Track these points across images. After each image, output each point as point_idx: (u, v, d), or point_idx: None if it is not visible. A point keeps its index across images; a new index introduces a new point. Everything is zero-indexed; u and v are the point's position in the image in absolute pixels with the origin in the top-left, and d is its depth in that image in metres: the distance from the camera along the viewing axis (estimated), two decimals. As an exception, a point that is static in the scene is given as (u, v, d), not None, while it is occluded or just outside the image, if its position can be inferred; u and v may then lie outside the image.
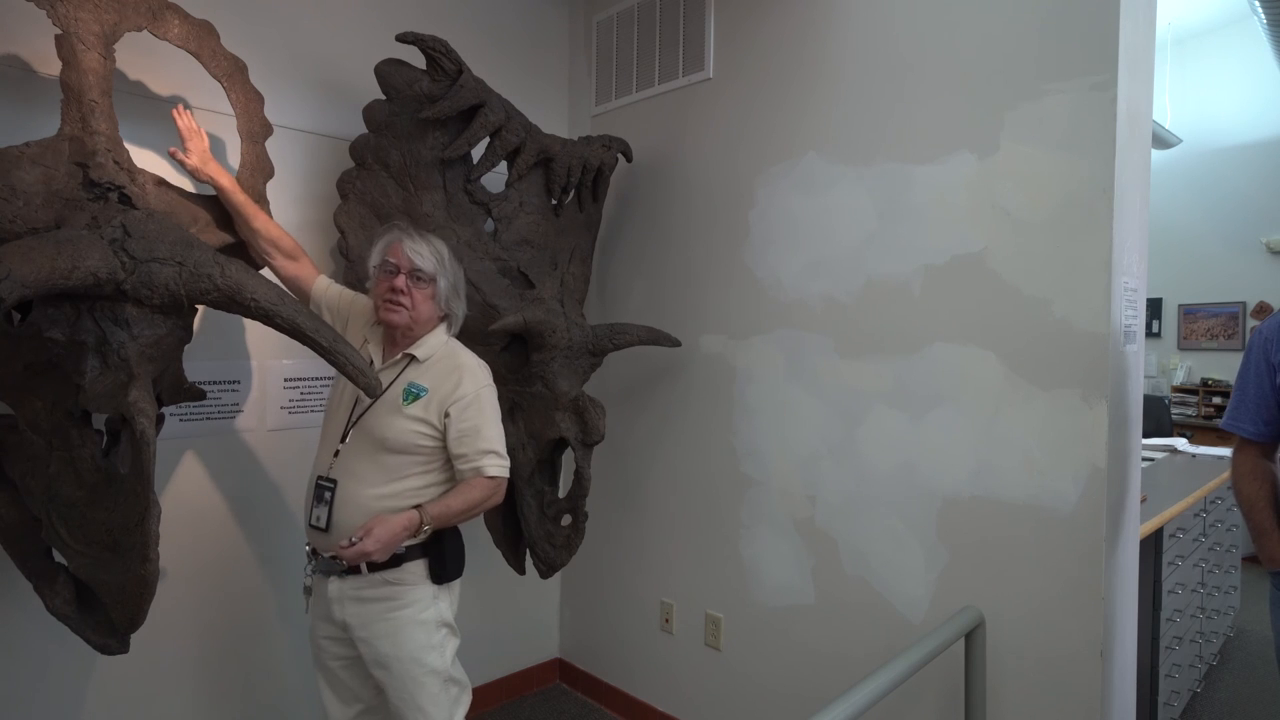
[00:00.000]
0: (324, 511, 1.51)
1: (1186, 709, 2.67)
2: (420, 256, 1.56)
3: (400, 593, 1.53)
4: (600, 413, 2.04)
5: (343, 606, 1.53)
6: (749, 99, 2.23)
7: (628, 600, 2.62)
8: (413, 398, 1.53)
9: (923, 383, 1.83)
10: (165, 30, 1.58)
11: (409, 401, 1.53)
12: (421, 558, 1.54)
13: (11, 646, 1.70)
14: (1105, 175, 1.54)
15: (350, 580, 1.52)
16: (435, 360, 1.59)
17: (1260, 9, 3.96)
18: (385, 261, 1.57)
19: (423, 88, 1.88)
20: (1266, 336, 1.64)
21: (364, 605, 1.52)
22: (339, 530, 1.49)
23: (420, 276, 1.56)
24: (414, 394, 1.53)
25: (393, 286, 1.54)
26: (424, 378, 1.56)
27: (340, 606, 1.53)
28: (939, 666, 1.74)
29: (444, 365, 1.58)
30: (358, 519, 1.48)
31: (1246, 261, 5.00)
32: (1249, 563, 3.96)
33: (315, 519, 1.53)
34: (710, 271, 2.34)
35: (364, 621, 1.52)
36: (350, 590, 1.53)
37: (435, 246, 1.60)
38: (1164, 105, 5.21)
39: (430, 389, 1.54)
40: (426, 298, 1.57)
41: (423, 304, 1.57)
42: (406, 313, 1.55)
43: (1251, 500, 1.68)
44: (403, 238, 1.58)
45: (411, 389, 1.54)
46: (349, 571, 1.52)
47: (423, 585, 1.55)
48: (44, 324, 1.23)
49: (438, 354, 1.60)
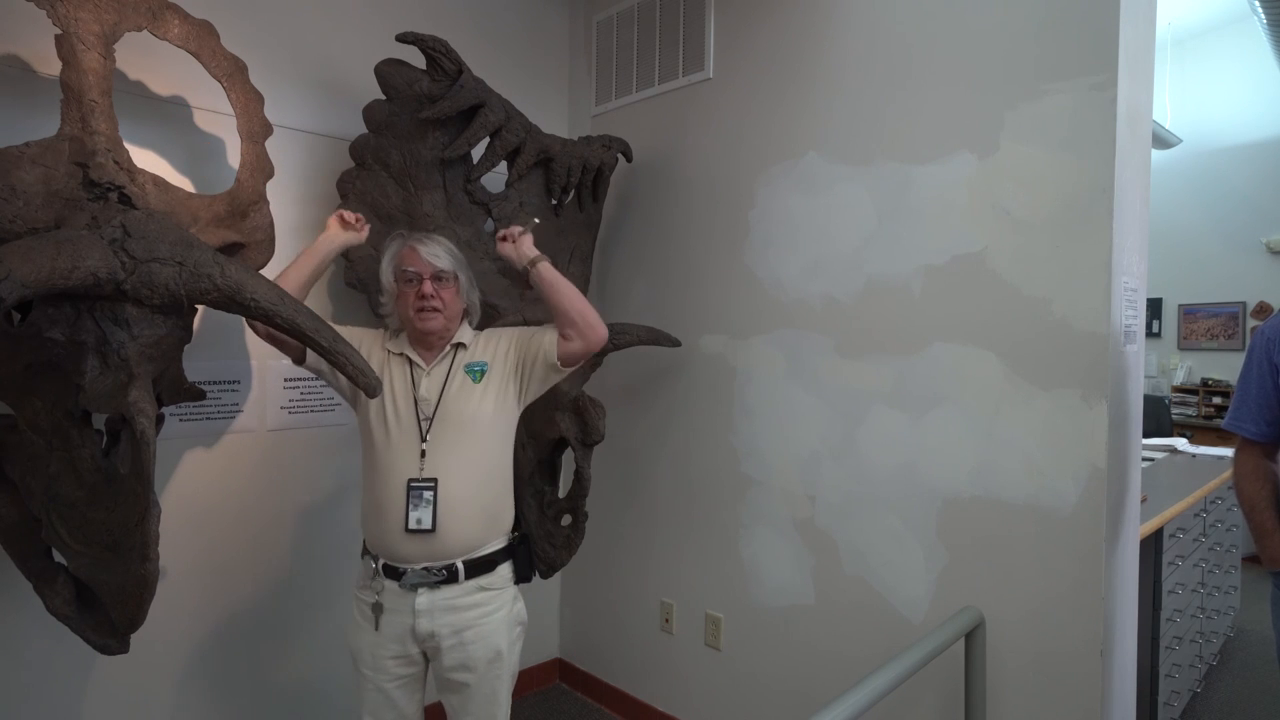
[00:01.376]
0: (427, 513, 1.48)
1: (1186, 709, 2.67)
2: (438, 258, 1.56)
3: (490, 597, 1.55)
4: (600, 413, 2.04)
5: (432, 618, 1.51)
6: (749, 99, 2.23)
7: (628, 600, 2.62)
8: (479, 375, 1.57)
9: (923, 383, 1.83)
10: (165, 30, 1.58)
11: (478, 379, 1.57)
12: (508, 560, 1.60)
13: (11, 646, 1.70)
14: (1105, 175, 1.54)
15: (443, 591, 1.51)
16: (477, 342, 1.63)
17: (1260, 9, 3.96)
18: (405, 271, 1.56)
19: (423, 88, 1.88)
20: (1269, 337, 1.65)
21: (458, 614, 1.52)
22: (446, 531, 1.49)
23: (443, 277, 1.57)
24: (479, 371, 1.58)
25: (421, 293, 1.54)
26: (477, 356, 1.60)
27: (430, 618, 1.51)
28: (939, 666, 1.74)
29: (486, 340, 1.64)
30: (466, 513, 1.50)
31: (1246, 261, 5.00)
32: (1249, 563, 3.95)
33: (416, 522, 1.48)
34: (710, 271, 2.34)
35: (456, 630, 1.52)
36: (443, 601, 1.51)
37: (445, 245, 1.61)
38: (1164, 105, 5.21)
39: (489, 361, 1.60)
40: (454, 295, 1.59)
41: (453, 302, 1.58)
42: (441, 315, 1.56)
43: (1253, 500, 1.68)
44: (415, 244, 1.58)
45: (474, 367, 1.58)
46: (444, 582, 1.51)
47: (508, 588, 1.60)
48: (44, 324, 1.23)
49: (478, 337, 1.66)
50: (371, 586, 1.55)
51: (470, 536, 1.52)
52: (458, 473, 1.52)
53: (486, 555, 1.55)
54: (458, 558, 1.51)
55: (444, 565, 1.50)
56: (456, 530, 1.50)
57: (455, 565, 1.51)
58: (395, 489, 1.51)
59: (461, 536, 1.51)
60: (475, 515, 1.53)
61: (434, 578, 1.50)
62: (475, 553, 1.53)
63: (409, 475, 1.51)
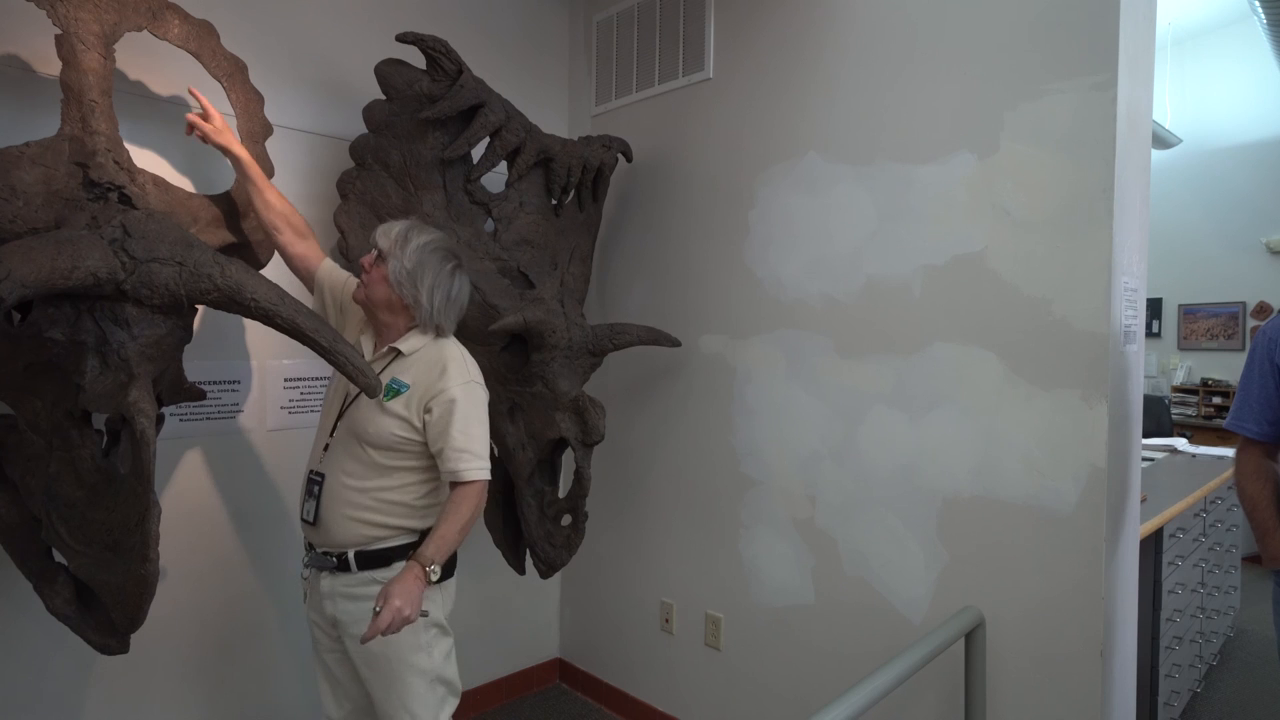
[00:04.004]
0: (313, 505, 1.52)
1: (1186, 709, 2.67)
2: (383, 236, 1.55)
3: None
4: (600, 413, 2.04)
5: (334, 603, 1.54)
6: (749, 99, 2.23)
7: (628, 600, 2.62)
8: (394, 394, 1.50)
9: (923, 383, 1.83)
10: (165, 30, 1.58)
11: (390, 397, 1.50)
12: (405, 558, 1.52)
13: (11, 646, 1.70)
14: (1105, 175, 1.54)
15: (341, 577, 1.53)
16: (420, 355, 1.54)
17: (1260, 9, 3.96)
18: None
19: (423, 88, 1.88)
20: (1270, 337, 1.65)
21: (354, 603, 1.52)
22: (325, 524, 1.51)
23: (380, 256, 1.55)
24: (395, 390, 1.51)
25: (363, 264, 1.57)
26: (407, 373, 1.52)
27: (332, 603, 1.54)
28: (939, 666, 1.74)
29: (428, 360, 1.53)
30: (342, 513, 1.50)
31: (1246, 261, 5.00)
32: (1249, 563, 3.96)
33: (306, 513, 1.54)
34: (710, 271, 2.34)
35: (353, 619, 1.52)
36: (341, 587, 1.53)
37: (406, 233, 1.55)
38: (1164, 105, 5.21)
39: (412, 385, 1.50)
40: (380, 278, 1.54)
41: (376, 284, 1.54)
42: (363, 290, 1.56)
43: (1255, 500, 1.69)
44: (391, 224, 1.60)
45: (393, 385, 1.51)
46: (340, 568, 1.52)
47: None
48: (44, 324, 1.23)
49: (423, 349, 1.55)
50: (301, 561, 1.62)
51: (349, 537, 1.51)
52: (347, 473, 1.51)
53: (380, 550, 1.52)
54: (348, 549, 1.52)
55: (336, 554, 1.52)
56: (335, 525, 1.50)
57: (346, 555, 1.52)
58: (304, 476, 1.59)
59: (341, 532, 1.51)
60: (355, 515, 1.50)
61: (329, 563, 1.53)
62: (368, 545, 1.52)
63: (312, 465, 1.57)
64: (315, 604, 1.59)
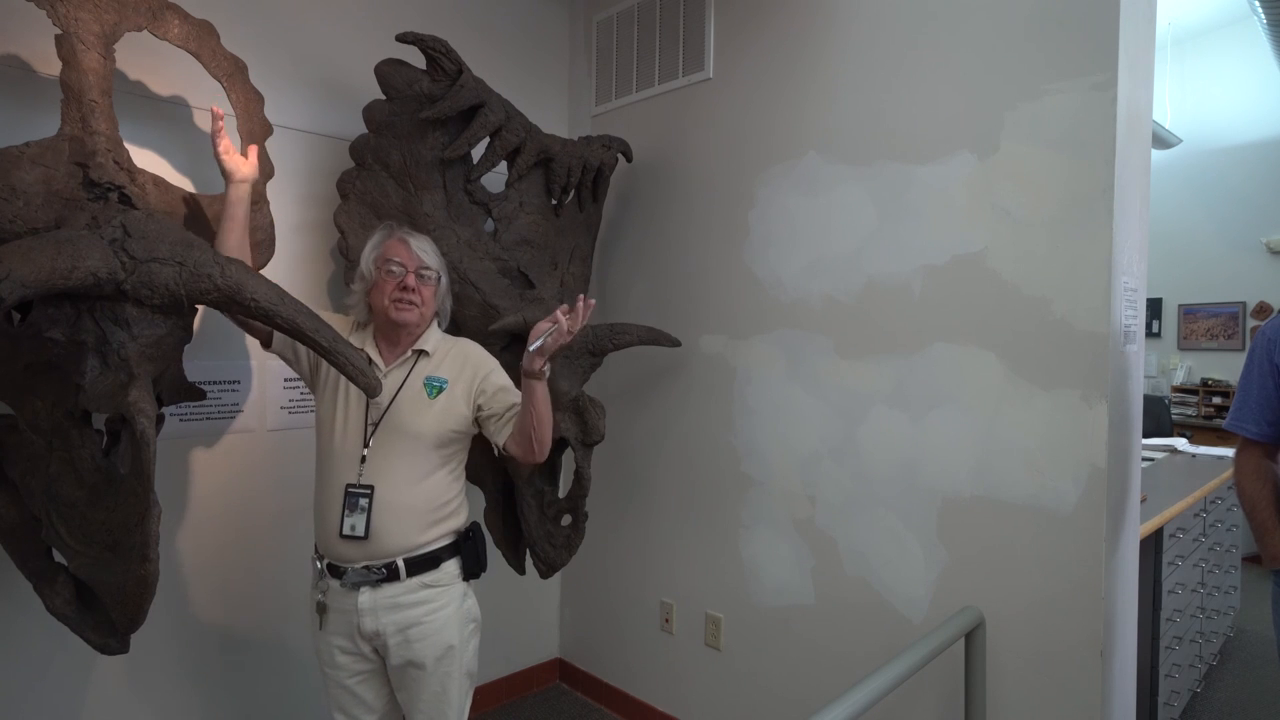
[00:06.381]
0: (361, 519, 1.47)
1: (1186, 709, 2.67)
2: (426, 254, 1.58)
3: (436, 595, 1.54)
4: (600, 413, 2.04)
5: (376, 617, 1.50)
6: (749, 99, 2.23)
7: (628, 600, 2.62)
8: (436, 391, 1.55)
9: (923, 383, 1.83)
10: (165, 30, 1.58)
11: (434, 395, 1.55)
12: (454, 557, 1.58)
13: (11, 646, 1.70)
14: (1105, 175, 1.54)
15: (385, 589, 1.50)
16: (442, 352, 1.62)
17: (1260, 9, 3.96)
18: (389, 261, 1.55)
19: (423, 88, 1.88)
20: (1270, 338, 1.65)
21: (401, 612, 1.51)
22: (379, 537, 1.48)
23: (426, 275, 1.58)
24: (437, 387, 1.56)
25: (403, 285, 1.54)
26: (439, 370, 1.58)
27: (373, 617, 1.50)
28: (939, 666, 1.74)
29: (453, 355, 1.61)
30: (401, 521, 1.49)
31: (1246, 261, 5.00)
32: (1249, 563, 3.95)
33: (350, 528, 1.48)
34: (710, 271, 2.34)
35: (401, 627, 1.51)
36: (385, 599, 1.50)
37: (433, 245, 1.64)
38: (1164, 105, 5.20)
39: (450, 379, 1.57)
40: (432, 294, 1.60)
41: (430, 300, 1.60)
42: (418, 310, 1.56)
43: (1254, 500, 1.69)
44: (405, 237, 1.59)
45: (432, 382, 1.56)
46: (388, 579, 1.50)
47: (456, 584, 1.58)
48: (44, 324, 1.23)
49: (443, 346, 1.63)
50: (319, 586, 1.55)
51: (407, 541, 1.51)
52: (397, 481, 1.50)
53: (429, 553, 1.53)
54: (397, 556, 1.50)
55: (384, 564, 1.50)
56: (391, 536, 1.49)
57: (395, 563, 1.50)
58: (334, 492, 1.51)
59: (398, 541, 1.50)
60: (413, 522, 1.51)
61: (374, 576, 1.49)
62: (417, 551, 1.52)
63: (347, 480, 1.51)
64: (341, 627, 1.53)
